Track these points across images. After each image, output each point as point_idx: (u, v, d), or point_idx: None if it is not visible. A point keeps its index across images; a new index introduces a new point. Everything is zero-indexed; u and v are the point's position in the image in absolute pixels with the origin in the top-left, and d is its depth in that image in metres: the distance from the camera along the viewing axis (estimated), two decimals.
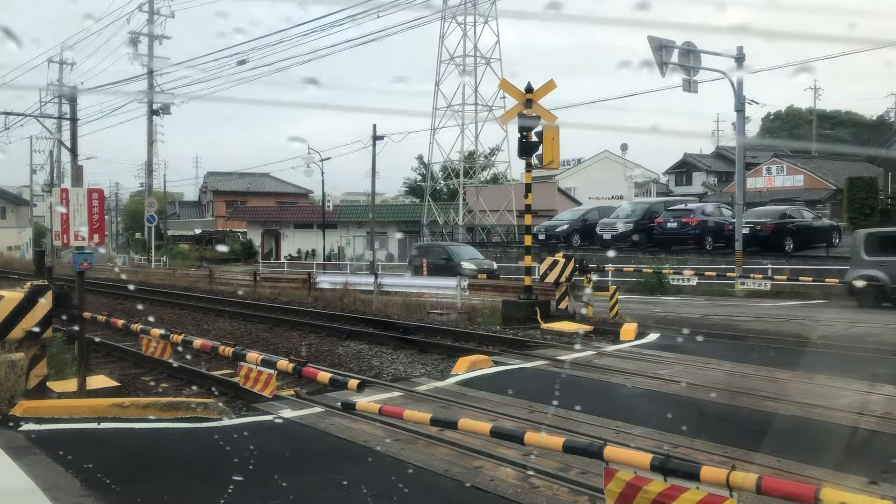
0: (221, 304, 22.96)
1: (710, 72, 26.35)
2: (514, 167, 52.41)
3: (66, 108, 38.52)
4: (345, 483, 6.00)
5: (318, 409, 8.75)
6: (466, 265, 30.09)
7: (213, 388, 10.31)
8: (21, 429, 7.68)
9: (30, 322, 8.79)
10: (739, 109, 27.00)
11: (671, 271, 25.33)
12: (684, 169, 73.85)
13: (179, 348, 11.69)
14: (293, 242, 63.86)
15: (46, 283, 9.22)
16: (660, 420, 7.77)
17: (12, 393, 8.69)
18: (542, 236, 35.03)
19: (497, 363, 11.38)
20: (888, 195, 41.16)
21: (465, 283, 22.66)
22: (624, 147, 69.04)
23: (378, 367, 12.12)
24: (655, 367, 11.10)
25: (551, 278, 16.91)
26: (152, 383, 11.15)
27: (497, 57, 54.97)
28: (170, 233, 68.26)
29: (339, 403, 8.48)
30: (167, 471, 6.52)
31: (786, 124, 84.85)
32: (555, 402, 8.39)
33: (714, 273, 24.27)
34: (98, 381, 10.26)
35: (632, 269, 25.99)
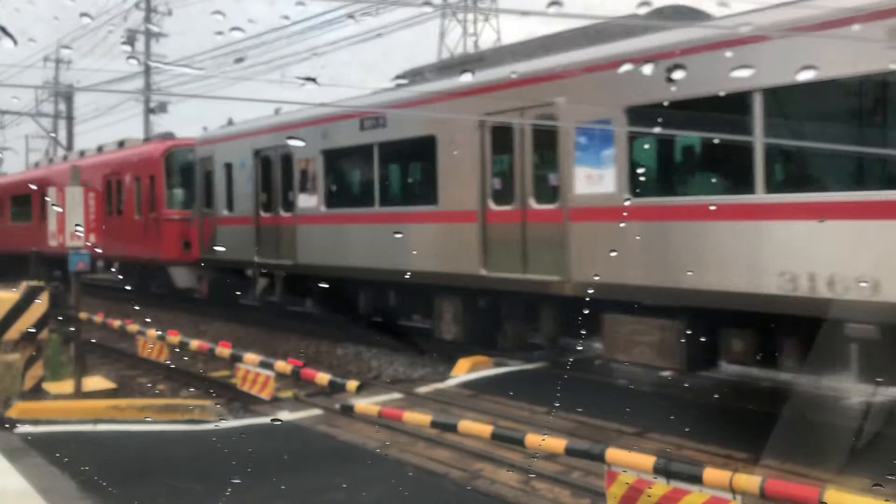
0: (220, 304, 22.85)
1: None
2: None
3: (62, 106, 38.41)
4: (344, 486, 5.95)
5: (317, 412, 8.70)
6: None
7: (211, 390, 10.25)
8: (17, 430, 7.62)
9: (26, 323, 8.74)
10: None
11: None
12: None
13: (176, 350, 11.65)
14: None
15: (42, 283, 9.16)
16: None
17: (8, 394, 8.63)
18: None
19: (498, 364, 11.32)
20: None
21: None
22: None
23: (378, 368, 12.07)
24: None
25: None
26: (149, 385, 11.08)
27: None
28: None
29: (339, 405, 8.44)
30: (164, 473, 6.46)
31: None
32: (556, 404, 8.34)
33: None
34: (94, 382, 10.19)
35: None
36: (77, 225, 9.03)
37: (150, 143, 21.80)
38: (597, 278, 8.56)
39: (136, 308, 20.38)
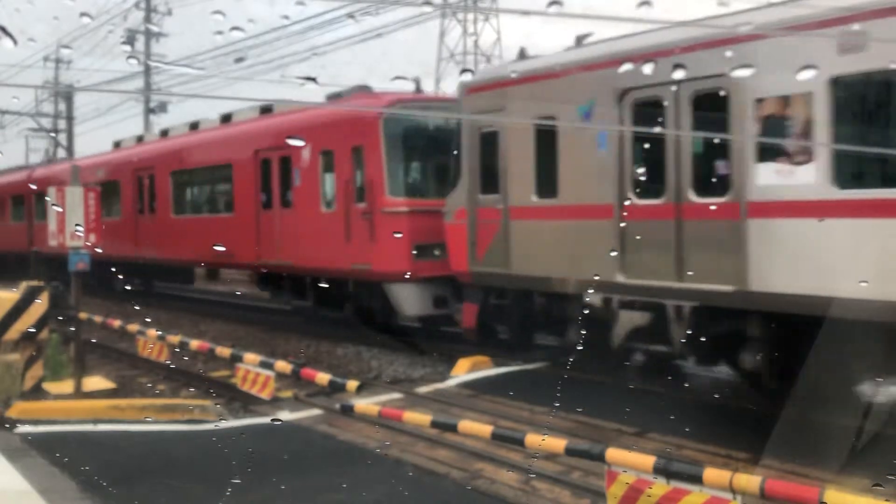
0: (219, 305, 22.87)
1: None
2: None
3: (62, 106, 38.42)
4: (344, 486, 5.95)
5: (317, 412, 8.69)
6: None
7: (211, 390, 10.24)
8: (17, 430, 7.62)
9: (26, 323, 8.74)
10: None
11: None
12: None
13: (176, 350, 11.65)
14: None
15: (42, 283, 9.16)
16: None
17: (8, 394, 8.62)
18: None
19: (498, 364, 11.30)
20: None
21: None
22: None
23: (378, 368, 12.07)
24: None
25: None
26: (149, 385, 11.08)
27: (498, 55, 54.85)
28: None
29: (339, 405, 8.44)
30: (164, 473, 6.46)
31: None
32: (556, 404, 8.33)
33: None
34: (94, 382, 10.19)
35: None
36: (77, 225, 9.02)
37: (348, 100, 14.25)
38: None
39: (137, 308, 20.41)
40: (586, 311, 9.49)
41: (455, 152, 11.50)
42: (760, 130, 7.97)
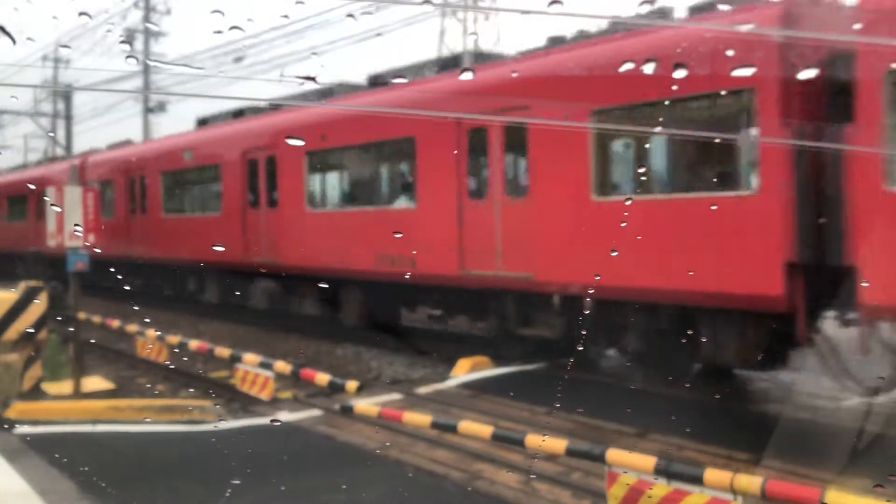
0: (217, 305, 22.80)
1: None
2: None
3: (60, 105, 38.32)
4: (344, 487, 5.93)
5: (316, 412, 8.68)
6: None
7: (210, 391, 10.23)
8: (16, 431, 7.60)
9: (25, 323, 8.72)
10: None
11: None
12: None
13: (175, 350, 11.64)
14: None
15: (41, 283, 9.14)
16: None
17: (7, 395, 8.61)
18: None
19: (498, 364, 11.29)
20: None
21: None
22: None
23: (377, 368, 12.05)
24: None
25: None
26: (148, 385, 11.06)
27: (499, 54, 54.79)
28: None
29: (338, 406, 8.43)
30: (163, 474, 6.44)
31: None
32: (556, 404, 8.32)
33: None
34: (93, 382, 10.17)
35: None
36: (76, 225, 8.99)
37: None
38: None
39: (136, 307, 20.34)
40: None
41: None
42: None
